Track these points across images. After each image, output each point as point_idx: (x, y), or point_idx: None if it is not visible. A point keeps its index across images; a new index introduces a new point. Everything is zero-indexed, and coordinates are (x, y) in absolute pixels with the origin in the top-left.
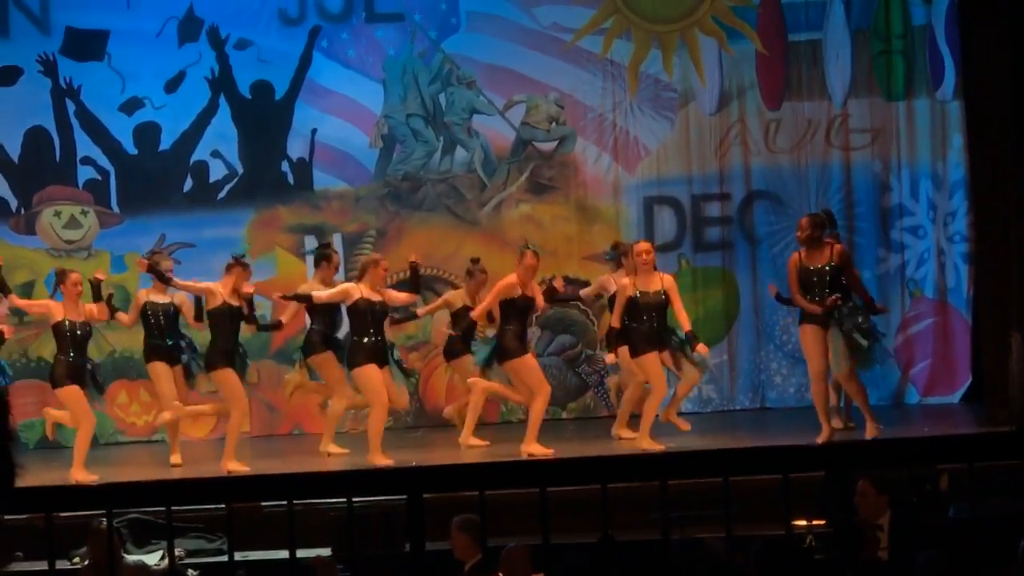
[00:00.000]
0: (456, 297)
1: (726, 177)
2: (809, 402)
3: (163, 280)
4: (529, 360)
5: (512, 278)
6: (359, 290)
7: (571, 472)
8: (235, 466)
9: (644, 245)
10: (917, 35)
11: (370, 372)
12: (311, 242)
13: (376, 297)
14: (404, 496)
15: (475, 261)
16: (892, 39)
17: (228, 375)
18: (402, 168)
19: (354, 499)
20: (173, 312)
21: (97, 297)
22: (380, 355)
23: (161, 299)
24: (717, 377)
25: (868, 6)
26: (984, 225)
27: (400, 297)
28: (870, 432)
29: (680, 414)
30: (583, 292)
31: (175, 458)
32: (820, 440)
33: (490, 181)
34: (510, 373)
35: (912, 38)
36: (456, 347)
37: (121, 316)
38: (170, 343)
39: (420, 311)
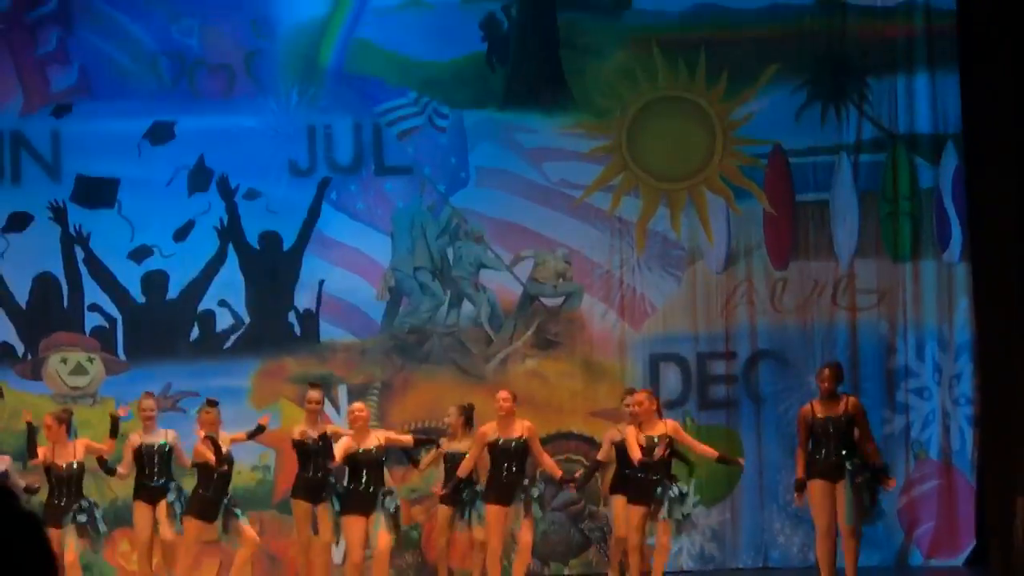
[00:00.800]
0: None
1: (732, 335)
2: (812, 562)
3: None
4: (491, 509)
5: (488, 426)
6: (351, 440)
7: None
8: None
9: (638, 396)
10: (924, 197)
11: (353, 525)
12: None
13: (362, 445)
14: None
15: (469, 407)
16: (899, 201)
17: (191, 525)
18: (408, 321)
19: None
20: (167, 452)
21: (114, 433)
22: (369, 505)
23: (154, 440)
24: (720, 534)
25: (876, 168)
26: (989, 388)
27: (402, 440)
28: None
29: (682, 572)
30: (600, 458)
31: None
32: None
33: (496, 336)
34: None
35: (919, 200)
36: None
37: (119, 470)
38: (159, 483)
39: (422, 464)
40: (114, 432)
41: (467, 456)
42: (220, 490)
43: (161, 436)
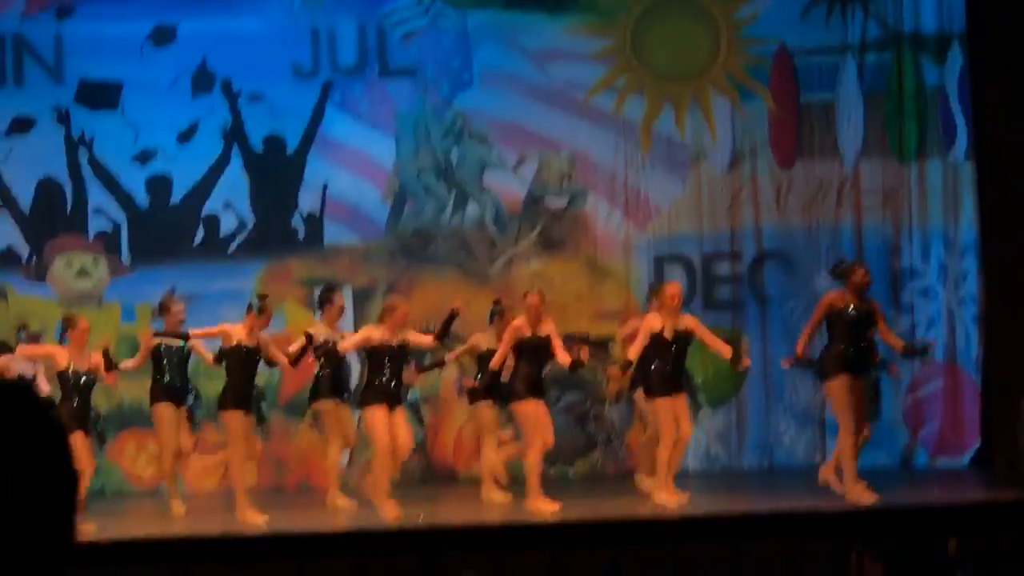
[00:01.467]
0: (482, 340)
1: (737, 236)
2: (816, 463)
3: (181, 337)
4: (529, 406)
5: (518, 320)
6: (378, 333)
7: (582, 535)
8: (252, 516)
9: (673, 288)
10: (930, 97)
11: (376, 415)
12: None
13: (395, 340)
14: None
15: (497, 302)
16: (905, 100)
17: (234, 417)
18: (413, 223)
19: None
20: (186, 354)
21: (109, 367)
22: (392, 398)
23: (174, 341)
24: (725, 436)
25: (881, 68)
26: (995, 288)
27: (423, 340)
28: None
29: (686, 473)
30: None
31: (177, 507)
32: (863, 501)
33: (501, 238)
34: (514, 417)
35: (925, 99)
36: (476, 395)
37: (126, 363)
38: (179, 384)
39: (449, 356)
40: (109, 367)
41: (500, 349)
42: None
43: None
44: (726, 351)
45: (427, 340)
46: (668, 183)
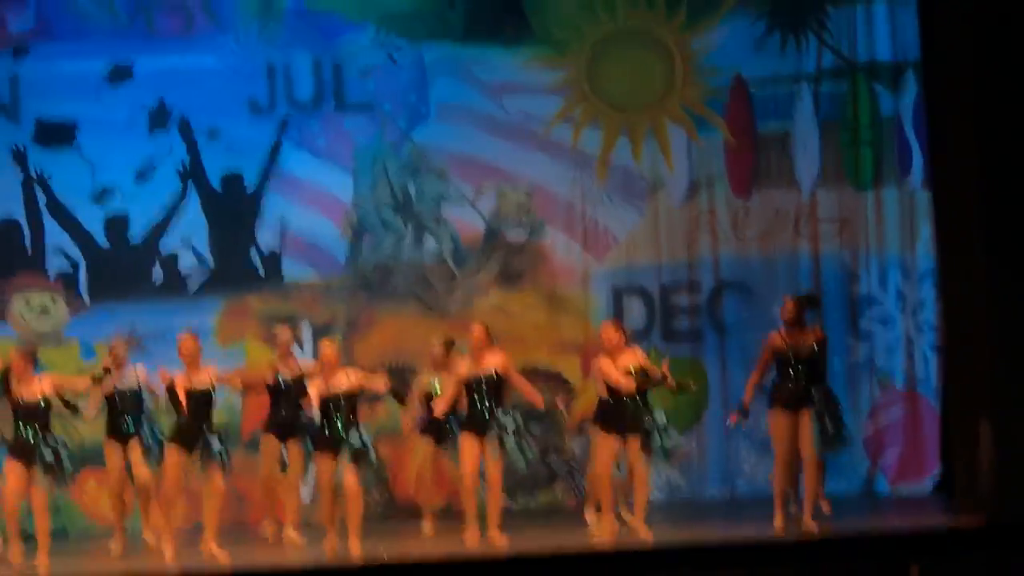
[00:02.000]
0: (427, 379)
1: (695, 267)
2: None
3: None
4: (461, 440)
5: (461, 363)
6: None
7: (541, 569)
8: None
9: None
10: (886, 125)
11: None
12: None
13: (341, 387)
14: None
15: (448, 340)
16: (860, 129)
17: (172, 454)
18: (372, 258)
19: None
20: (139, 394)
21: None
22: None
23: (126, 385)
24: (686, 465)
25: (837, 96)
26: (953, 315)
27: (375, 384)
28: (808, 525)
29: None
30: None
31: (116, 545)
32: (777, 527)
33: (460, 271)
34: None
35: (880, 127)
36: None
37: (87, 411)
38: (129, 428)
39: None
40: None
41: (443, 393)
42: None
43: (132, 378)
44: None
45: (379, 384)
46: (626, 214)
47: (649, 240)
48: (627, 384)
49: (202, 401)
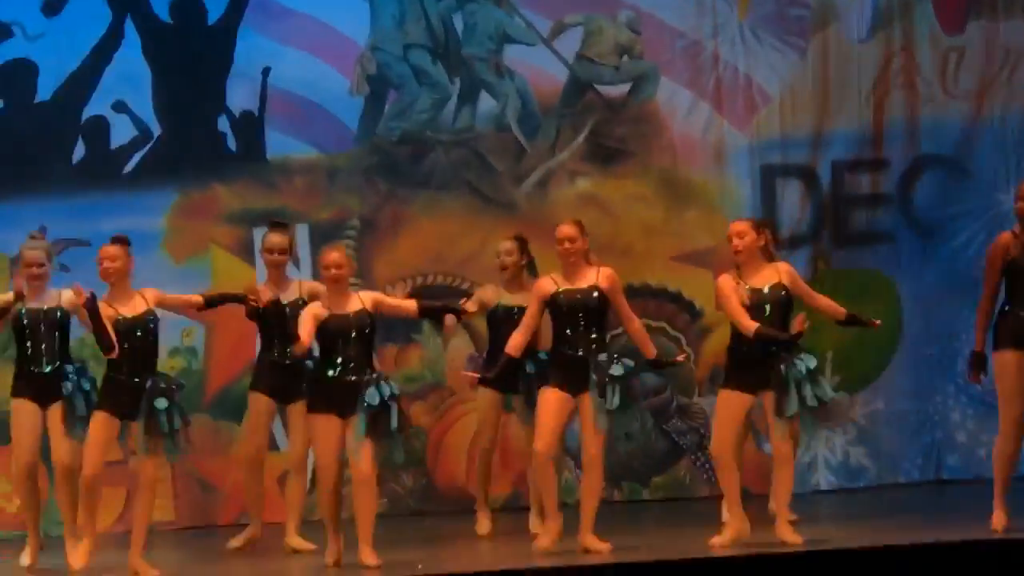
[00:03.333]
0: (492, 294)
1: (883, 136)
2: None
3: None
4: (546, 394)
5: (546, 278)
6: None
7: None
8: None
9: (736, 226)
10: None
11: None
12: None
13: (350, 310)
14: None
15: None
16: None
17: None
18: (399, 126)
19: None
20: (59, 320)
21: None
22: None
23: (40, 304)
24: (869, 435)
25: None
26: None
27: (403, 307)
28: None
29: (818, 493)
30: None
31: (26, 557)
32: (995, 527)
33: (531, 144)
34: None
35: None
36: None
37: None
38: (48, 370)
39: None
40: (99, 325)
41: (522, 323)
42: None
43: (52, 299)
44: (836, 311)
45: (409, 307)
46: (780, 59)
47: (813, 98)
48: (746, 324)
49: (138, 341)
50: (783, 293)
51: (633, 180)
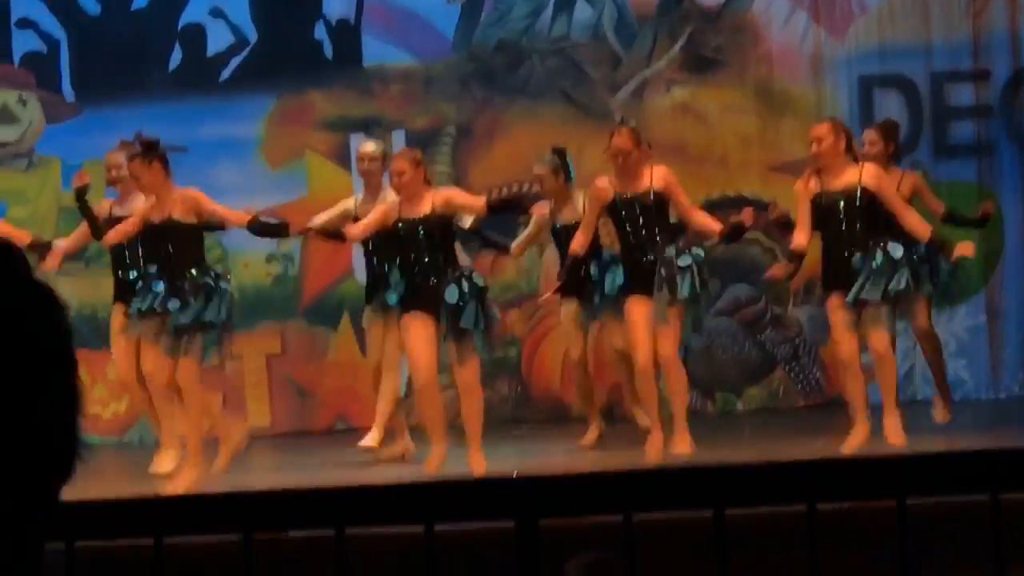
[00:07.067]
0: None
1: (984, 46)
2: None
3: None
4: (633, 304)
5: (603, 179)
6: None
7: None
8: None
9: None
10: None
11: (410, 325)
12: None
13: (419, 213)
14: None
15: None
16: None
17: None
18: (495, 34)
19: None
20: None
21: (85, 212)
22: (426, 300)
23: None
24: (970, 348)
25: None
26: None
27: (472, 204)
28: None
29: (916, 403)
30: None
31: (162, 464)
32: None
33: (628, 53)
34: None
35: None
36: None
37: (54, 249)
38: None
39: (515, 245)
40: (86, 212)
41: (581, 224)
42: None
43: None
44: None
45: (478, 202)
46: None
47: (914, 6)
48: (798, 241)
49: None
50: (859, 194)
51: (729, 90)
